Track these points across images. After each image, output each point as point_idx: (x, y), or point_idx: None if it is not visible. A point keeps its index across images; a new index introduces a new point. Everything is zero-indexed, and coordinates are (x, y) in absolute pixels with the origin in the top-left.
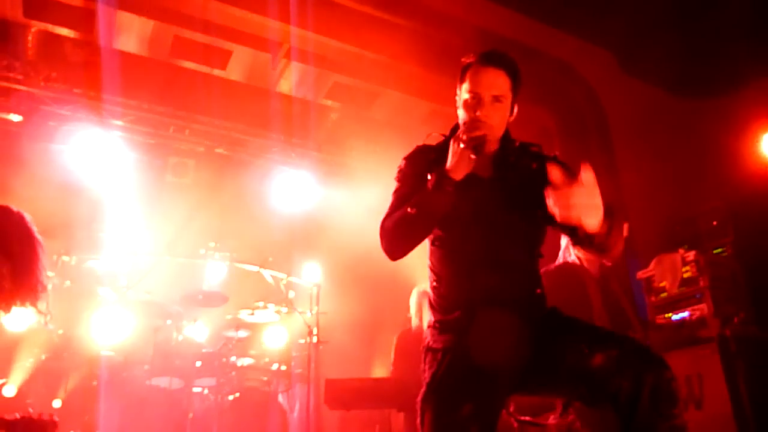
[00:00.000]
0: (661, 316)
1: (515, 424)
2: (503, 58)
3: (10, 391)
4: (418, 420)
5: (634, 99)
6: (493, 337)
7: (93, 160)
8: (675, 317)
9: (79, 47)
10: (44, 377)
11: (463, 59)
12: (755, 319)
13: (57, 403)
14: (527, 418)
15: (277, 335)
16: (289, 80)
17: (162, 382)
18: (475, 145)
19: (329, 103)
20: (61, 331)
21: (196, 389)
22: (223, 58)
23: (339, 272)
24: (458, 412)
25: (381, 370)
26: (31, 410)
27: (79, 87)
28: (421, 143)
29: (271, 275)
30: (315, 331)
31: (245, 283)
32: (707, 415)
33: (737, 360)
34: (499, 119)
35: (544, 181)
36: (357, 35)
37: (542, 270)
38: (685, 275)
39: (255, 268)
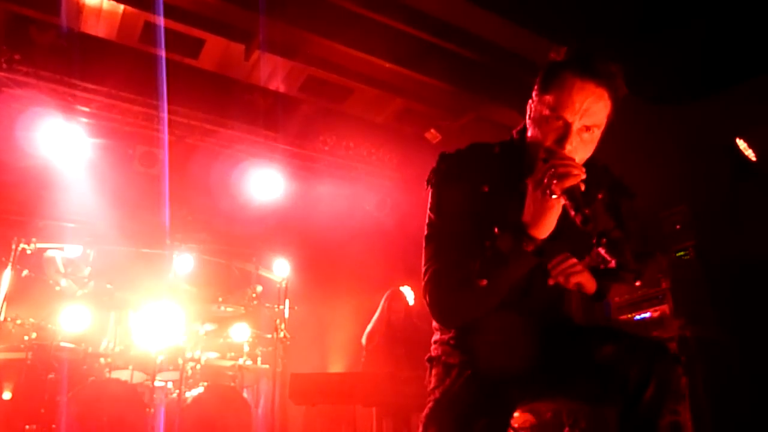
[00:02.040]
0: (624, 316)
1: None
2: (609, 70)
3: None
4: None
5: None
6: (508, 352)
7: (57, 147)
8: (637, 317)
9: (45, 30)
10: (0, 369)
11: (552, 54)
12: (715, 320)
13: (6, 395)
14: None
15: (243, 329)
16: (262, 72)
17: (123, 375)
18: (572, 197)
19: (302, 96)
20: (19, 321)
21: (158, 383)
22: (195, 47)
23: (308, 267)
24: (468, 430)
25: (347, 365)
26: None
27: (44, 70)
28: (462, 149)
29: (239, 268)
30: (282, 326)
31: (212, 276)
32: None
33: (697, 361)
34: (584, 154)
35: (611, 213)
36: (332, 29)
37: None
38: None
39: (222, 261)
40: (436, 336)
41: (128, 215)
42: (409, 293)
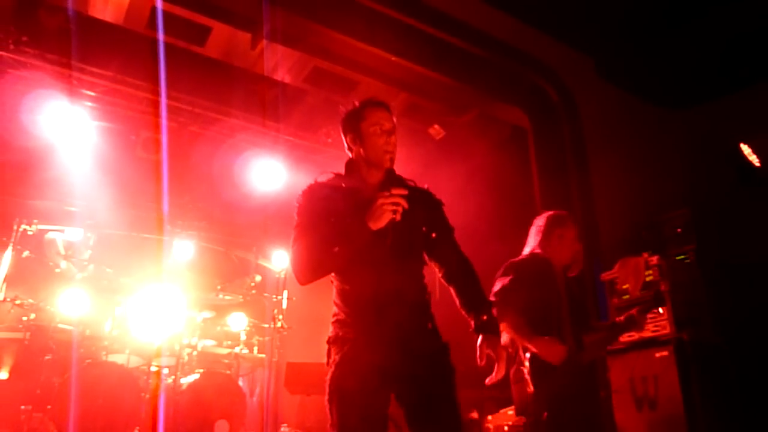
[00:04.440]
0: (621, 318)
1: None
2: (384, 102)
3: None
4: (327, 397)
5: (609, 104)
6: (386, 335)
7: (61, 129)
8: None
9: (53, 12)
10: None
11: (345, 109)
12: (712, 325)
13: (3, 375)
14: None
15: (241, 318)
16: (268, 62)
17: (119, 358)
18: (399, 212)
19: (307, 87)
20: (18, 302)
21: (154, 368)
22: (201, 35)
23: None
24: (362, 390)
25: None
26: None
27: (50, 53)
28: (313, 182)
29: (239, 257)
30: (280, 317)
31: (211, 264)
32: (660, 415)
33: (692, 364)
34: (396, 147)
35: (425, 211)
36: (339, 21)
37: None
38: (647, 279)
39: (222, 249)
40: (333, 317)
41: (130, 200)
42: None
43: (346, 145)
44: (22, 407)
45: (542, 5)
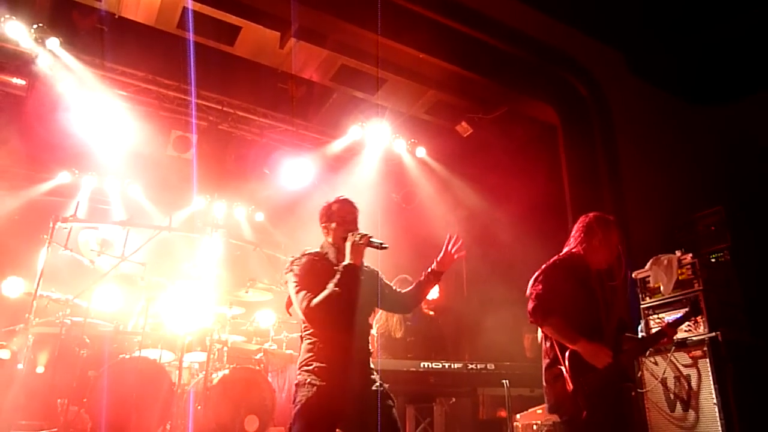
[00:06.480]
0: (654, 317)
1: None
2: (351, 200)
3: (4, 354)
4: (289, 426)
5: (641, 100)
6: (341, 385)
7: (95, 128)
8: (668, 318)
9: (87, 14)
10: (35, 342)
11: (329, 204)
12: (747, 324)
13: (40, 369)
14: None
15: (269, 315)
16: (296, 61)
17: (152, 353)
18: (369, 241)
19: (334, 85)
20: (54, 297)
21: (185, 363)
22: (231, 34)
23: None
24: (314, 424)
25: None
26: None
27: (85, 54)
28: (303, 252)
29: (268, 254)
30: None
31: (241, 261)
32: (693, 416)
33: (727, 363)
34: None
35: (377, 276)
36: (367, 19)
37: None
38: (681, 277)
39: (252, 246)
40: (302, 366)
41: (161, 198)
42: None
43: (321, 229)
44: (59, 400)
45: (573, 0)
